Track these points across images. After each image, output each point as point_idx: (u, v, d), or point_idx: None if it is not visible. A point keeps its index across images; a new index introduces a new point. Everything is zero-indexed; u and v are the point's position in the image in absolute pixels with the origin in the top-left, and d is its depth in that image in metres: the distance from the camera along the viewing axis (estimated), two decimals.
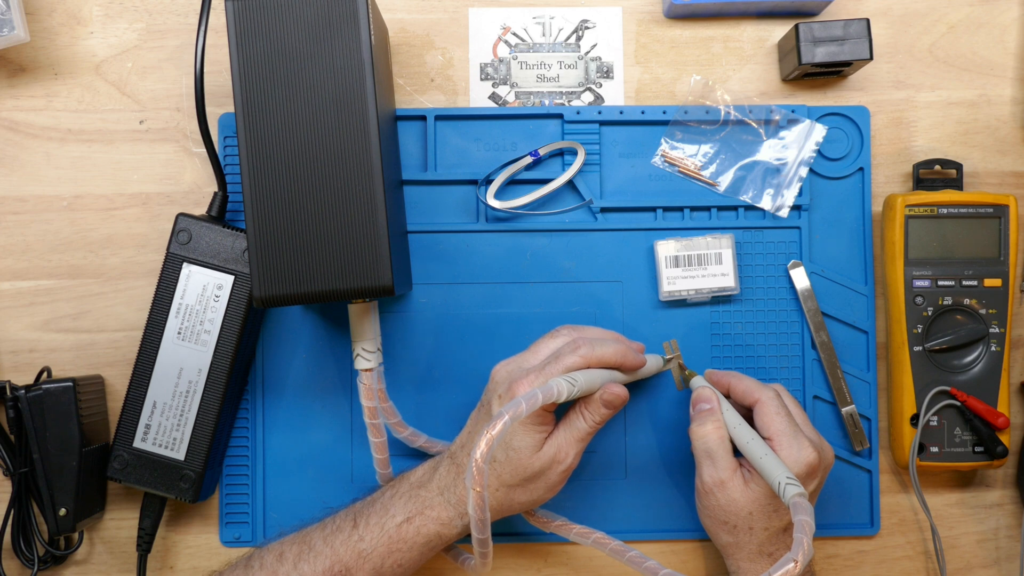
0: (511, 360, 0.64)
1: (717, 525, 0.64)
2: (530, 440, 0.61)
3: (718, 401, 0.65)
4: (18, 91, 0.72)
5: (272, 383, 0.72)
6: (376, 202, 0.58)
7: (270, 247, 0.58)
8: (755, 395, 0.65)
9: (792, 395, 0.68)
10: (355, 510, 0.64)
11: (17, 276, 0.72)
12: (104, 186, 0.72)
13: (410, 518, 0.62)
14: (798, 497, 0.56)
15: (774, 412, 0.63)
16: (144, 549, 0.69)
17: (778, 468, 0.59)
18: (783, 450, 0.62)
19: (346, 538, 0.62)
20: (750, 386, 0.65)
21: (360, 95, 0.59)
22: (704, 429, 0.64)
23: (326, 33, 0.58)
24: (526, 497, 0.62)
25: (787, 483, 0.57)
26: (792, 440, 0.62)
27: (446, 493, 0.62)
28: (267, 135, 0.58)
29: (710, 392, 0.66)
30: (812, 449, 0.62)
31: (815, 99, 0.74)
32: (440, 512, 0.62)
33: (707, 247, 0.71)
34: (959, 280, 0.70)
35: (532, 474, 0.61)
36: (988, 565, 0.74)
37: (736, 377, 0.67)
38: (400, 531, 0.61)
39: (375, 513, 0.62)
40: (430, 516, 0.62)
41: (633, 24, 0.74)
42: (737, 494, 0.62)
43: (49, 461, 0.67)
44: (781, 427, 0.63)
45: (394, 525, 0.62)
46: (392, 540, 0.61)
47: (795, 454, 0.61)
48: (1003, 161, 0.75)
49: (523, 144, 0.73)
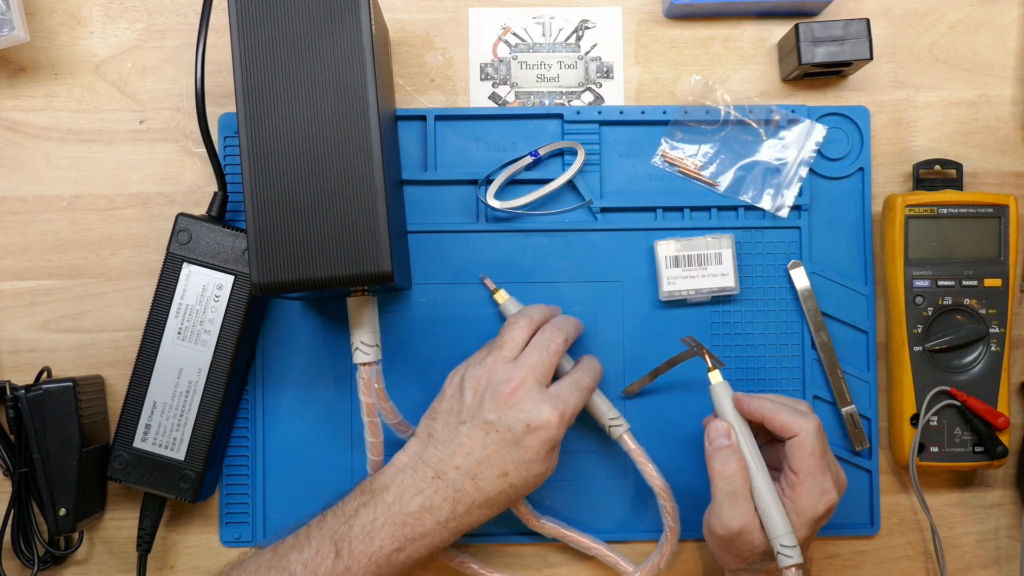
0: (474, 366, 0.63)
1: (727, 556, 0.63)
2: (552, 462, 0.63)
3: (738, 435, 0.62)
4: (18, 91, 0.72)
5: (272, 383, 0.72)
6: (376, 189, 0.58)
7: (269, 234, 0.58)
8: (793, 430, 0.61)
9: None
10: (330, 531, 0.60)
11: (17, 276, 0.72)
12: (104, 186, 0.72)
13: (401, 548, 0.60)
14: (793, 571, 0.58)
15: (808, 452, 0.60)
16: (144, 549, 0.69)
17: (779, 527, 0.59)
18: (804, 494, 0.60)
19: (330, 568, 0.59)
20: (787, 421, 0.61)
21: (360, 83, 0.59)
22: (729, 469, 0.61)
23: (327, 22, 0.59)
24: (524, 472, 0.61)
25: (783, 552, 0.59)
26: (816, 483, 0.60)
27: (445, 522, 0.60)
28: (268, 124, 0.58)
29: (727, 426, 0.62)
30: (835, 492, 0.60)
31: (815, 99, 0.74)
32: (435, 539, 0.60)
33: (707, 247, 0.71)
34: (959, 280, 0.70)
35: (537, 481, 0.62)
36: (988, 565, 0.74)
37: (770, 408, 0.62)
38: (390, 560, 0.60)
39: (357, 540, 0.60)
40: (423, 544, 0.60)
41: (633, 24, 0.74)
42: (757, 536, 0.60)
43: (49, 461, 0.67)
44: (811, 467, 0.60)
45: (383, 556, 0.59)
46: (381, 568, 0.60)
47: (815, 499, 0.60)
48: (1003, 161, 0.75)
49: (523, 144, 0.73)
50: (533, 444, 0.60)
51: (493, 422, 0.60)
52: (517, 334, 0.64)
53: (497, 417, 0.60)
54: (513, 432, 0.60)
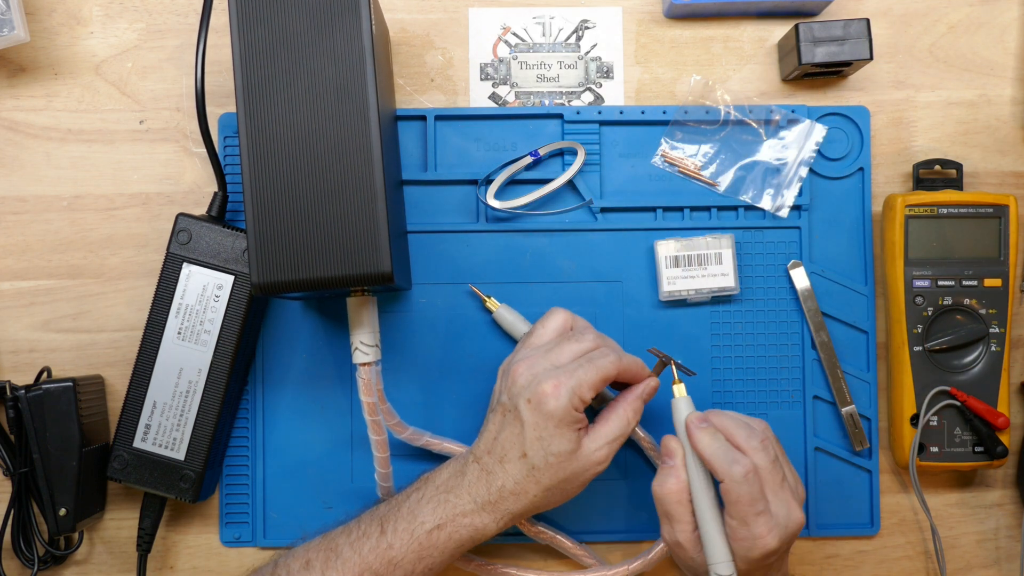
0: (526, 356, 0.63)
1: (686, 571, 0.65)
2: (569, 442, 0.60)
3: (683, 455, 0.62)
4: (18, 91, 0.72)
5: (272, 383, 0.72)
6: (376, 189, 0.58)
7: (269, 234, 0.58)
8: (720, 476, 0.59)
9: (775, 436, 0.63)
10: (380, 514, 0.62)
11: (17, 276, 0.72)
12: (104, 186, 0.72)
13: (441, 525, 0.61)
14: None
15: (733, 500, 0.58)
16: (144, 549, 0.69)
17: (716, 553, 0.60)
18: (736, 539, 0.59)
19: (374, 545, 0.61)
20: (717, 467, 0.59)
21: (360, 83, 0.59)
22: (663, 490, 0.61)
23: (327, 22, 0.59)
24: (559, 497, 0.62)
25: None
26: (747, 530, 0.58)
27: (479, 500, 0.61)
28: (268, 124, 0.58)
29: (676, 445, 0.62)
30: (771, 536, 0.58)
31: (815, 99, 0.74)
32: (474, 519, 0.61)
33: (707, 247, 0.71)
34: (959, 280, 0.70)
35: (571, 475, 0.61)
36: (988, 565, 0.74)
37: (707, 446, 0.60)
38: (431, 537, 0.61)
39: (403, 519, 0.61)
40: (463, 523, 0.61)
41: (633, 24, 0.74)
42: (696, 555, 0.62)
43: (49, 461, 0.67)
44: (740, 514, 0.58)
45: (424, 532, 0.61)
46: (423, 547, 0.61)
47: (748, 544, 0.58)
48: (1003, 161, 0.75)
49: (523, 144, 0.73)
50: (535, 419, 0.60)
51: (505, 403, 0.62)
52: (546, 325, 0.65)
53: (508, 398, 0.62)
54: (518, 409, 0.61)
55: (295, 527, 0.71)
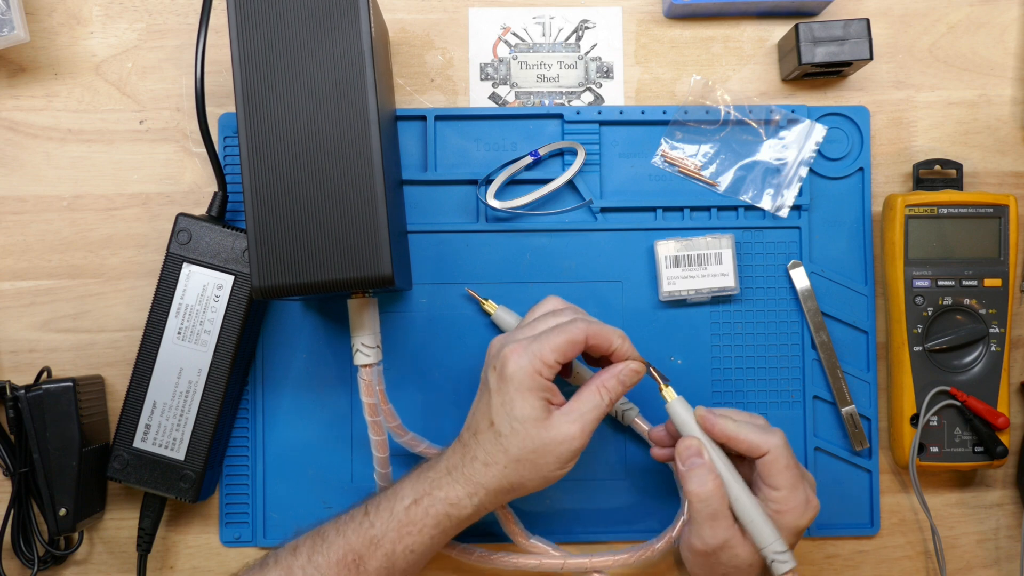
0: (506, 334, 0.64)
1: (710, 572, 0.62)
2: (533, 409, 0.59)
3: (708, 452, 0.61)
4: (18, 91, 0.72)
5: (272, 383, 0.72)
6: (376, 191, 0.58)
7: (270, 237, 0.58)
8: (763, 448, 0.61)
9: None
10: (368, 500, 0.63)
11: (17, 276, 0.72)
12: (104, 186, 0.72)
13: (417, 499, 0.61)
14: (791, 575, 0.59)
15: (783, 466, 0.60)
16: (144, 549, 0.69)
17: (767, 536, 0.59)
18: (790, 509, 0.60)
19: (357, 525, 0.61)
20: (754, 441, 0.61)
21: (360, 84, 0.59)
22: (706, 490, 0.60)
23: (327, 22, 0.59)
24: (532, 473, 0.60)
25: (777, 559, 0.59)
26: (800, 494, 0.60)
27: (454, 472, 0.61)
28: (267, 126, 0.58)
29: (697, 443, 0.61)
30: (815, 498, 0.61)
31: (815, 99, 0.74)
32: (448, 492, 0.61)
33: (707, 247, 0.71)
34: (959, 280, 0.70)
35: (540, 446, 0.59)
36: (988, 565, 0.74)
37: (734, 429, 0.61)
38: (409, 513, 0.61)
39: (385, 498, 0.62)
40: (437, 496, 0.61)
41: (633, 24, 0.74)
42: (741, 549, 0.60)
43: (49, 461, 0.67)
44: (790, 481, 0.60)
45: (403, 508, 0.61)
46: (402, 523, 0.60)
47: (801, 510, 0.60)
48: (1003, 161, 0.75)
49: (523, 144, 0.73)
50: (498, 383, 0.60)
51: (482, 379, 0.63)
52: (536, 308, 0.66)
53: (482, 374, 0.63)
54: (485, 378, 0.62)
55: (295, 527, 0.71)
